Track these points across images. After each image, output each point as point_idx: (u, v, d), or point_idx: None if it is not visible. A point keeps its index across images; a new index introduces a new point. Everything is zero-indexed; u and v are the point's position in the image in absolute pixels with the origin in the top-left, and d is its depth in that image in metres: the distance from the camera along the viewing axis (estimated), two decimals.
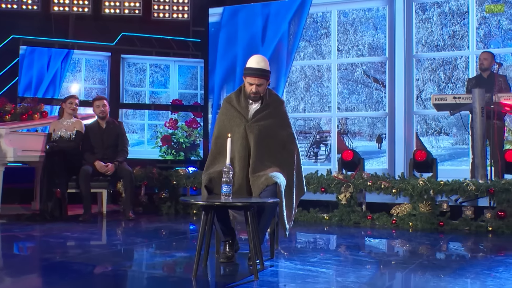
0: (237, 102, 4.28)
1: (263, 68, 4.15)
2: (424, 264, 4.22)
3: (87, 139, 6.79)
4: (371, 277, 3.82)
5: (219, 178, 4.00)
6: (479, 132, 6.69)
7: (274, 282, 3.59)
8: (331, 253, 4.69)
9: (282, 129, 4.30)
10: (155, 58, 9.65)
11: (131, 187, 6.72)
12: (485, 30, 8.47)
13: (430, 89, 8.73)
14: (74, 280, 3.65)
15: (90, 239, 5.31)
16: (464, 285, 3.55)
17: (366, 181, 6.42)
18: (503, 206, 5.81)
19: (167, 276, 3.89)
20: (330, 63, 9.26)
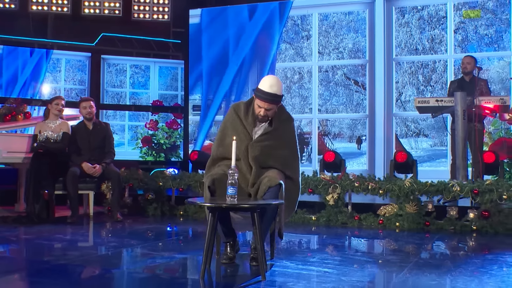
0: (245, 116, 4.20)
1: (275, 93, 4.03)
2: (421, 263, 4.34)
3: (73, 140, 6.74)
4: (374, 276, 3.92)
5: (221, 180, 4.04)
6: (461, 134, 6.87)
7: (282, 282, 3.65)
8: (328, 253, 4.77)
9: (285, 148, 4.24)
10: (135, 59, 9.61)
11: (119, 189, 6.70)
12: (463, 34, 8.71)
13: (410, 92, 8.93)
14: (81, 283, 3.65)
15: (84, 241, 5.30)
16: (465, 283, 3.66)
17: (353, 182, 6.53)
18: (487, 206, 5.99)
19: (174, 277, 3.91)
20: (311, 65, 9.37)
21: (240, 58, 9.76)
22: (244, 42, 9.70)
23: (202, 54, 9.71)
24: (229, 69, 9.85)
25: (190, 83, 9.83)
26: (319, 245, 5.30)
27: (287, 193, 4.18)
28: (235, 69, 9.81)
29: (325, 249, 5.01)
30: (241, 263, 4.27)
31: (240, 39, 9.65)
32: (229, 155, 4.16)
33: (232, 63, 9.83)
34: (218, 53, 9.84)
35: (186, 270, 4.22)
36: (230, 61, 9.84)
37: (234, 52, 9.75)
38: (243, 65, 9.76)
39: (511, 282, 3.74)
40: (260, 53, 9.59)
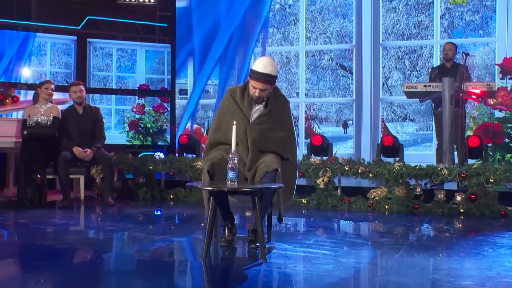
0: (241, 99, 4.23)
1: (269, 73, 4.07)
2: (415, 245, 4.45)
3: (64, 124, 6.70)
4: (372, 257, 4.02)
5: (220, 164, 4.09)
6: (448, 119, 6.98)
7: (282, 264, 3.72)
8: (323, 235, 4.86)
9: (282, 130, 4.29)
10: (121, 42, 9.54)
11: (111, 173, 6.71)
12: (449, 20, 8.82)
13: (396, 77, 9.04)
14: (88, 267, 3.69)
15: (80, 226, 5.31)
16: (460, 263, 3.78)
17: (343, 166, 6.62)
18: (474, 190, 6.13)
19: (175, 260, 3.96)
20: (298, 50, 9.40)
21: (224, 40, 9.79)
22: (229, 24, 9.72)
23: (194, 35, 9.70)
24: (214, 52, 9.89)
25: (177, 66, 9.81)
26: (312, 227, 5.38)
27: (284, 177, 4.23)
28: (219, 51, 9.84)
29: (319, 231, 5.09)
30: (239, 245, 4.33)
31: (226, 21, 9.66)
32: (227, 139, 4.22)
33: (217, 45, 9.86)
34: (207, 35, 9.86)
35: (186, 253, 4.27)
36: (216, 43, 9.86)
37: (220, 34, 9.77)
38: (228, 48, 9.79)
39: (502, 261, 3.85)
40: (244, 36, 9.62)
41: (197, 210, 6.36)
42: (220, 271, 3.71)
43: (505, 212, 6.01)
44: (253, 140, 4.17)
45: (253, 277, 3.38)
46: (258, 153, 4.20)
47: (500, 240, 4.63)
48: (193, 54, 9.91)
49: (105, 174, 6.69)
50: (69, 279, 3.38)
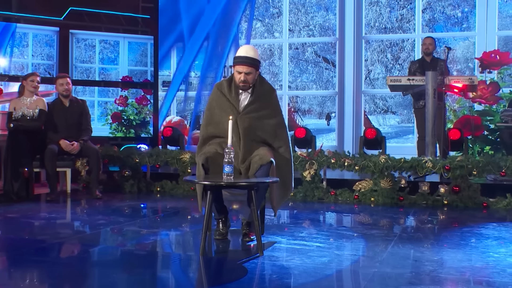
0: (228, 91, 4.30)
1: (252, 56, 4.17)
2: (404, 237, 4.55)
3: (50, 117, 6.67)
4: (365, 249, 4.11)
5: (214, 158, 4.14)
6: (431, 112, 7.11)
7: (279, 256, 3.80)
8: (314, 228, 4.94)
9: (272, 117, 4.35)
10: (104, 34, 9.49)
11: (98, 166, 6.69)
12: (430, 14, 8.95)
13: (378, 70, 9.16)
14: (87, 261, 3.72)
15: (72, 219, 5.32)
16: (451, 255, 3.90)
17: (329, 158, 6.71)
18: (458, 182, 6.27)
19: (174, 254, 4.01)
20: (281, 43, 9.46)
21: (205, 31, 9.84)
22: (210, 15, 9.77)
23: (182, 22, 9.72)
24: (194, 44, 9.92)
25: (160, 58, 9.81)
26: (302, 220, 5.45)
27: (280, 173, 4.28)
28: (199, 43, 9.88)
29: (310, 224, 5.18)
30: (232, 238, 4.39)
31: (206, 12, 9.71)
32: (220, 133, 4.28)
33: (197, 37, 9.90)
34: (190, 24, 9.90)
35: (183, 246, 4.32)
36: (196, 35, 9.90)
37: (200, 26, 9.81)
38: (208, 40, 9.84)
39: (490, 253, 3.98)
40: (224, 28, 9.67)
41: (185, 203, 6.40)
42: (219, 265, 3.78)
43: (487, 203, 6.16)
44: (244, 130, 4.23)
45: (252, 270, 3.45)
46: (251, 143, 4.25)
47: (486, 232, 4.77)
48: (182, 41, 9.92)
49: (92, 167, 6.68)
50: (68, 274, 3.41)
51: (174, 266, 3.67)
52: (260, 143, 4.30)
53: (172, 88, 10.12)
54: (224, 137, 4.23)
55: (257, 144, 4.28)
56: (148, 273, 3.48)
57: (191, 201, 6.53)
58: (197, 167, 4.22)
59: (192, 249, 4.18)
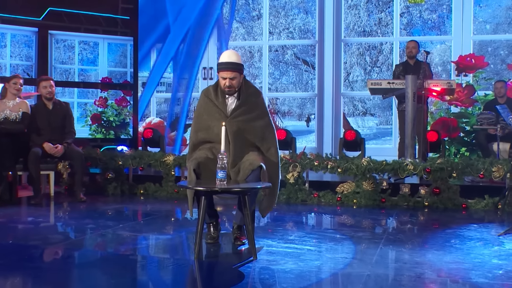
0: (215, 97, 4.37)
1: (234, 61, 4.24)
2: (390, 238, 4.68)
3: (33, 120, 6.63)
4: (355, 252, 4.20)
5: (206, 164, 4.21)
6: (410, 115, 7.26)
7: (273, 260, 3.87)
8: (302, 231, 5.03)
9: (260, 119, 4.42)
10: (84, 35, 9.44)
11: (82, 169, 6.68)
12: (408, 18, 9.13)
13: (357, 72, 9.31)
14: (86, 267, 3.74)
15: (60, 224, 5.31)
16: (438, 256, 4.03)
17: (313, 161, 6.81)
18: (438, 184, 6.43)
19: (167, 259, 4.06)
20: (261, 45, 9.55)
21: (181, 34, 9.90)
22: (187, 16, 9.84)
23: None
24: (171, 45, 9.99)
25: (140, 59, 9.82)
26: (288, 222, 5.52)
27: (269, 178, 4.35)
28: (176, 44, 9.94)
29: (297, 227, 5.27)
30: (223, 242, 4.45)
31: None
32: (209, 138, 4.35)
33: (174, 38, 9.97)
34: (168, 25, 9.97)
35: (176, 251, 4.36)
36: (172, 36, 9.96)
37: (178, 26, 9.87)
38: (184, 40, 9.90)
39: (475, 254, 4.12)
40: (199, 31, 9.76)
41: (171, 206, 6.45)
42: (215, 269, 3.84)
43: (466, 205, 6.33)
44: (233, 134, 4.29)
45: (249, 274, 3.53)
46: (241, 147, 4.32)
47: (468, 233, 4.92)
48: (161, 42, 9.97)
49: (76, 170, 6.66)
50: (68, 281, 3.44)
51: (170, 271, 3.73)
52: (249, 147, 4.37)
53: (148, 89, 10.15)
54: (214, 142, 4.30)
55: (246, 147, 4.35)
56: (145, 279, 3.53)
57: (175, 204, 6.59)
58: (188, 172, 4.28)
59: (185, 253, 4.23)
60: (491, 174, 6.32)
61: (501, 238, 4.68)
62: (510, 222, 5.52)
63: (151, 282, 3.44)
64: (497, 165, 6.31)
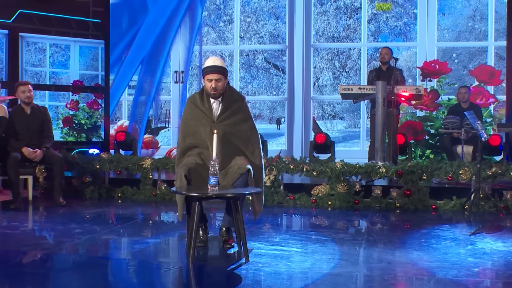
0: (201, 103, 4.56)
1: (219, 65, 4.47)
2: (370, 239, 4.91)
3: (11, 125, 6.64)
4: (340, 253, 4.41)
5: (196, 169, 4.37)
6: (380, 119, 7.55)
7: (264, 262, 4.05)
8: (286, 233, 5.24)
9: (244, 123, 4.63)
10: (55, 38, 9.41)
11: (61, 173, 6.71)
12: (375, 25, 9.46)
13: (326, 77, 9.57)
14: (83, 273, 3.85)
15: (47, 229, 5.34)
16: (419, 256, 4.29)
17: (288, 164, 7.02)
18: (409, 186, 6.73)
19: (163, 262, 4.19)
20: (232, 49, 9.72)
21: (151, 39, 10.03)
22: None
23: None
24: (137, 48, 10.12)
25: (112, 62, 9.87)
26: (270, 225, 5.70)
27: (255, 181, 4.54)
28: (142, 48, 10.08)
29: (279, 229, 5.47)
30: (212, 245, 4.60)
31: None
32: (197, 143, 4.53)
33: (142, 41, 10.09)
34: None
35: (168, 254, 4.50)
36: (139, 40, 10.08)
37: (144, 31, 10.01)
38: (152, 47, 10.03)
39: (451, 253, 4.39)
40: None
41: (152, 209, 6.58)
42: (212, 272, 3.98)
43: (436, 206, 6.64)
44: (220, 137, 4.44)
45: (245, 276, 3.70)
46: (228, 150, 4.49)
47: (442, 233, 5.20)
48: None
49: (55, 174, 6.68)
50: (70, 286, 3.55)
51: (167, 275, 3.86)
52: (236, 150, 4.54)
53: (114, 93, 10.21)
54: (201, 147, 4.47)
55: (233, 151, 4.52)
56: (144, 283, 3.65)
57: (153, 207, 6.71)
58: (178, 177, 4.41)
59: (178, 257, 4.37)
60: (459, 177, 6.66)
61: (472, 238, 4.98)
62: (477, 222, 5.84)
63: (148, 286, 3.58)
64: (464, 168, 6.65)
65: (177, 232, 5.18)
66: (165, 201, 7.09)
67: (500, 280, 3.76)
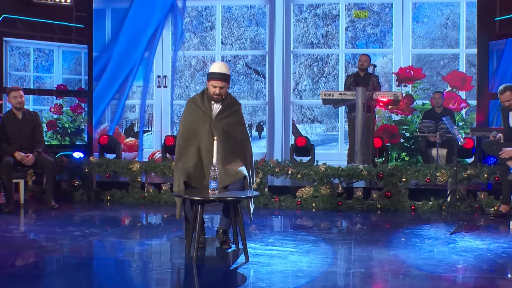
0: (202, 103, 4.84)
1: (225, 73, 4.74)
2: (358, 239, 5.20)
3: (3, 129, 6.77)
4: (334, 252, 4.70)
5: (194, 171, 4.63)
6: (360, 123, 7.88)
7: (263, 262, 4.31)
8: (278, 234, 5.51)
9: (239, 126, 4.94)
10: (39, 42, 9.52)
11: (53, 177, 6.87)
12: (353, 32, 9.80)
13: (305, 82, 9.88)
14: (97, 275, 4.06)
15: (46, 232, 5.45)
16: (407, 254, 4.60)
17: (274, 168, 7.30)
18: (389, 188, 7.06)
19: (167, 263, 4.42)
20: (214, 55, 9.97)
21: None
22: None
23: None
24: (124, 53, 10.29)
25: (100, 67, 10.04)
26: (261, 226, 5.95)
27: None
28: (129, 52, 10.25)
29: (272, 230, 5.73)
30: (209, 246, 4.84)
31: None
32: (195, 136, 4.77)
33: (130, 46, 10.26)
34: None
35: (169, 255, 4.72)
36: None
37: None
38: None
39: (436, 251, 4.71)
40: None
41: (140, 211, 6.79)
42: (215, 271, 4.22)
43: (415, 206, 6.99)
44: (219, 132, 4.73)
45: (250, 275, 3.95)
46: (228, 143, 4.76)
47: (424, 232, 5.53)
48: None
49: (48, 178, 6.84)
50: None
51: (173, 275, 4.09)
52: (233, 145, 4.82)
53: (102, 97, 10.36)
54: (198, 140, 4.74)
55: (231, 145, 4.79)
56: (154, 284, 3.88)
57: (142, 208, 6.92)
58: (177, 182, 4.66)
59: (179, 257, 4.59)
60: (436, 179, 7.03)
61: (453, 236, 5.33)
62: (454, 221, 6.21)
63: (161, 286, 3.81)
64: (441, 170, 7.02)
65: (174, 233, 5.40)
66: (153, 204, 7.30)
67: (483, 275, 4.08)
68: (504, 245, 4.97)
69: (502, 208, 6.44)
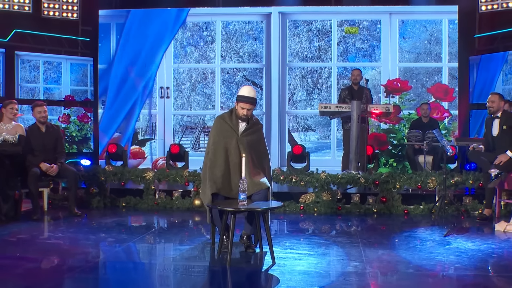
0: (230, 120, 5.50)
1: (254, 97, 5.43)
2: (365, 242, 5.83)
3: (28, 142, 7.24)
4: (347, 255, 5.30)
5: (223, 184, 5.25)
6: (355, 134, 8.54)
7: (291, 264, 4.90)
8: (293, 237, 6.10)
9: (261, 144, 5.61)
10: (47, 55, 9.99)
11: (76, 186, 7.39)
12: (344, 47, 10.48)
13: (300, 93, 10.53)
14: (147, 278, 4.65)
15: (81, 239, 5.94)
16: (410, 255, 5.24)
17: (278, 175, 7.92)
18: (385, 194, 7.74)
19: (204, 266, 5.01)
20: (214, 67, 10.56)
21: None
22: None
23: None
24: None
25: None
26: (273, 230, 6.45)
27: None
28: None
29: (284, 234, 6.35)
30: (234, 250, 5.40)
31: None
32: (224, 149, 5.36)
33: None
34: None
35: (204, 259, 5.28)
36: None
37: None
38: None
39: (435, 252, 5.36)
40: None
41: (158, 216, 7.35)
42: (250, 274, 4.81)
43: (408, 210, 7.67)
44: (245, 146, 5.37)
45: (281, 276, 4.56)
46: (253, 154, 5.40)
47: (421, 235, 6.20)
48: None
49: (70, 187, 7.37)
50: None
51: (211, 277, 4.69)
52: (258, 155, 5.48)
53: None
54: (226, 151, 5.36)
55: (257, 155, 5.46)
56: (195, 284, 4.48)
57: (156, 214, 7.48)
58: (205, 190, 5.30)
59: (213, 261, 5.17)
60: (427, 185, 7.73)
61: (447, 238, 6.00)
62: (444, 224, 6.88)
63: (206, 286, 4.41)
64: (431, 177, 7.72)
65: (202, 238, 5.98)
66: (166, 209, 7.86)
67: (480, 273, 4.76)
68: (492, 245, 5.67)
69: (486, 211, 7.16)
